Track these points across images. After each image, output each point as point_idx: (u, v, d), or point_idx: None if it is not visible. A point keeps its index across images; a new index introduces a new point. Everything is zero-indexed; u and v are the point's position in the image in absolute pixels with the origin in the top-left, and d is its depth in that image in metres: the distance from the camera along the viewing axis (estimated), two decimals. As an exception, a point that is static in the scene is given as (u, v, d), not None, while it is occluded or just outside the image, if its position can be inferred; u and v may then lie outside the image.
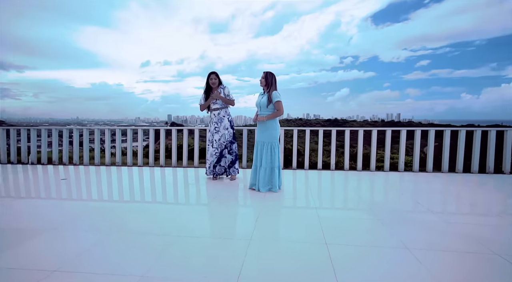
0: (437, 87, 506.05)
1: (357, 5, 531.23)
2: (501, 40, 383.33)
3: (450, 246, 2.09)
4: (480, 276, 1.71)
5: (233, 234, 2.36)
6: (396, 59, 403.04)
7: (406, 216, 2.76)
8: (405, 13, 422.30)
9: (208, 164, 4.23)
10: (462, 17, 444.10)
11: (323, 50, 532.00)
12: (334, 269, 1.75)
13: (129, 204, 3.19)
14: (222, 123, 4.14)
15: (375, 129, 5.07)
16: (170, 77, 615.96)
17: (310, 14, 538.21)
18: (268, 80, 3.53)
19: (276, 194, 3.46)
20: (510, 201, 3.38)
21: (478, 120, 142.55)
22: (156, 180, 4.44)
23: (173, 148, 5.58)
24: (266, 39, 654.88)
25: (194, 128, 5.60)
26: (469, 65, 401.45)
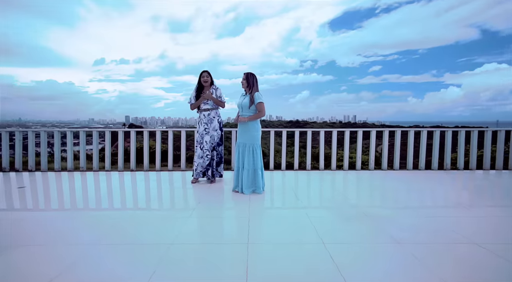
0: (388, 91, 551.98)
1: (315, 12, 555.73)
2: (440, 50, 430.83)
3: (434, 239, 2.21)
4: (465, 264, 1.83)
5: (229, 238, 2.26)
6: (352, 64, 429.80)
7: (388, 212, 2.86)
8: (358, 21, 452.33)
9: (195, 166, 3.97)
10: (407, 28, 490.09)
11: (284, 54, 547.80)
12: (338, 268, 1.76)
13: (109, 212, 2.92)
14: (212, 124, 3.97)
15: (335, 130, 5.26)
16: (127, 77, 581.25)
17: (271, 18, 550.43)
18: (250, 81, 3.46)
19: (260, 196, 3.40)
20: (465, 193, 3.69)
21: (422, 121, 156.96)
22: (132, 185, 4.16)
23: (153, 150, 5.13)
24: (229, 40, 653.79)
25: (168, 130, 5.24)
26: (414, 71, 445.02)
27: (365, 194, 3.76)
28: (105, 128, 5.28)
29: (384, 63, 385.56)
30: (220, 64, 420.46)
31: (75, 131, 5.29)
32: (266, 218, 2.71)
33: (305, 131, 5.35)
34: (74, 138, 5.31)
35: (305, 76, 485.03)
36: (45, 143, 5.17)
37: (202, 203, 3.13)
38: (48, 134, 5.28)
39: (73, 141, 5.29)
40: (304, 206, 3.01)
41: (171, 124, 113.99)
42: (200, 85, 3.97)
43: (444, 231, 2.33)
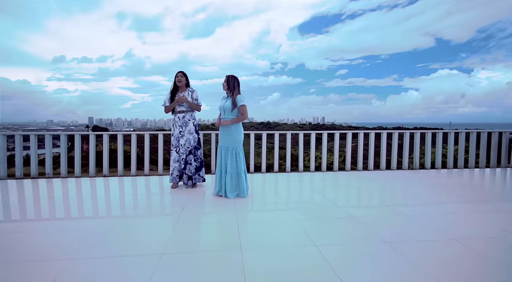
0: (354, 94, 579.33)
1: (285, 15, 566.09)
2: (400, 56, 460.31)
3: (419, 236, 2.33)
4: (449, 259, 1.94)
5: (222, 245, 2.21)
6: (320, 68, 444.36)
7: (370, 212, 2.98)
8: (326, 26, 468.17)
9: (171, 170, 3.85)
10: (370, 34, 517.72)
11: (255, 56, 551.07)
12: (335, 270, 1.79)
13: (87, 222, 2.72)
14: (187, 127, 3.85)
15: (301, 133, 5.37)
16: (90, 76, 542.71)
17: (242, 20, 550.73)
18: (230, 84, 3.42)
19: (245, 199, 3.37)
20: (433, 192, 3.91)
21: (385, 123, 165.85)
22: (109, 191, 3.92)
23: (128, 154, 4.85)
24: (199, 41, 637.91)
25: (144, 133, 5.02)
26: (378, 75, 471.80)
27: (345, 194, 3.87)
28: (75, 132, 4.96)
29: (350, 67, 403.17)
30: (190, 65, 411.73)
31: (40, 134, 4.88)
32: (255, 222, 2.69)
33: (284, 134, 5.43)
34: (38, 142, 4.90)
35: (275, 78, 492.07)
36: (4, 148, 4.71)
37: (187, 208, 3.03)
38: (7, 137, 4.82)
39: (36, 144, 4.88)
40: (290, 208, 3.03)
41: (139, 126, 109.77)
42: (175, 87, 3.87)
43: (426, 228, 2.47)
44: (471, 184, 4.38)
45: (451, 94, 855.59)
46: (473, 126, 59.52)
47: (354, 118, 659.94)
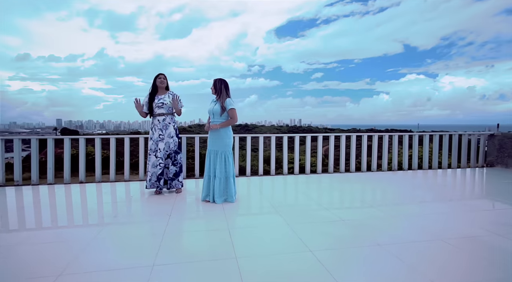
0: (329, 97, 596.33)
1: (262, 18, 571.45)
2: (372, 61, 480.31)
3: (408, 237, 2.39)
4: (441, 260, 2.00)
5: (215, 254, 2.13)
6: (296, 71, 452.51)
7: (359, 214, 3.02)
8: (301, 30, 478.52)
9: (149, 176, 3.67)
10: (344, 39, 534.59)
11: (232, 58, 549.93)
12: (333, 275, 1.79)
13: (69, 231, 2.52)
14: (167, 130, 3.72)
15: (285, 136, 5.36)
16: (58, 76, 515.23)
17: (219, 21, 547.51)
18: (217, 88, 3.36)
19: (234, 204, 3.31)
20: (414, 192, 4.08)
21: (359, 125, 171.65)
22: (88, 198, 3.71)
23: (104, 157, 4.59)
24: (174, 42, 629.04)
25: (124, 137, 4.79)
26: (351, 79, 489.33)
27: (331, 196, 3.92)
28: (50, 136, 4.62)
29: (325, 70, 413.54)
30: (166, 66, 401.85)
31: (8, 139, 4.52)
32: (247, 228, 2.63)
33: (257, 137, 5.33)
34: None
35: (253, 80, 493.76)
36: None
37: (174, 215, 2.92)
38: None
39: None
40: (279, 212, 3.00)
41: (112, 128, 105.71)
42: (154, 89, 3.74)
43: (414, 228, 2.55)
44: (447, 184, 4.60)
45: (418, 98, 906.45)
46: (438, 128, 63.26)
47: (330, 120, 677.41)
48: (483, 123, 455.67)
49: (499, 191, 3.99)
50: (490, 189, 4.19)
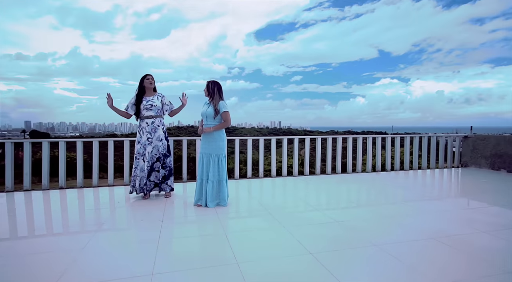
0: (308, 99, 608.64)
1: (242, 21, 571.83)
2: (349, 65, 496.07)
3: (401, 236, 2.47)
4: (434, 258, 2.09)
5: (215, 260, 2.08)
6: (276, 73, 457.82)
7: (351, 215, 3.07)
8: (281, 33, 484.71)
9: (138, 181, 3.59)
10: (322, 43, 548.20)
11: (212, 59, 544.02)
12: (336, 277, 1.80)
13: (57, 240, 2.37)
14: (156, 133, 3.61)
15: (262, 138, 5.32)
16: (27, 75, 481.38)
17: (198, 23, 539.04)
18: (210, 90, 3.32)
19: (227, 208, 3.27)
20: (394, 191, 4.23)
21: (337, 127, 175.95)
22: (71, 204, 3.53)
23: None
24: (153, 42, 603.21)
25: (108, 140, 4.57)
26: (329, 82, 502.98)
27: (318, 198, 3.97)
28: (27, 139, 4.37)
29: (304, 73, 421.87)
30: (143, 67, 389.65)
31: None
32: (243, 232, 2.60)
33: (233, 139, 5.18)
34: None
35: (233, 83, 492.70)
36: None
37: (167, 221, 2.83)
38: None
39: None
40: (272, 214, 3.00)
41: (86, 130, 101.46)
42: (141, 90, 3.62)
43: (404, 228, 2.63)
44: (425, 184, 4.82)
45: (392, 101, 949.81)
46: (410, 130, 66.36)
47: (309, 122, 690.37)
48: (451, 125, 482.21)
49: (481, 190, 4.23)
50: (470, 188, 4.43)
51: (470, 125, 6.17)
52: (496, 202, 3.49)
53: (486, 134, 5.92)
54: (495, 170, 5.52)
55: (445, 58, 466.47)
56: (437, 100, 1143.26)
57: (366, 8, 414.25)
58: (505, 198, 3.69)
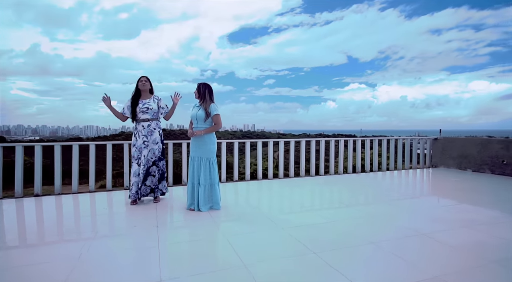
0: (280, 103, 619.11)
1: (214, 23, 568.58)
2: (320, 70, 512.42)
3: (395, 234, 2.62)
4: (425, 252, 2.25)
5: (222, 264, 2.07)
6: (249, 77, 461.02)
7: (344, 214, 3.18)
8: (254, 37, 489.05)
9: (131, 185, 3.48)
10: (294, 48, 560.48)
11: (184, 61, 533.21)
12: (344, 274, 1.88)
13: (46, 250, 2.20)
14: (152, 136, 3.52)
15: (236, 141, 5.29)
16: None
17: (170, 24, 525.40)
18: (201, 92, 3.29)
19: (220, 212, 3.26)
20: (381, 192, 4.47)
21: (309, 130, 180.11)
22: (51, 213, 3.35)
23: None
24: (121, 42, 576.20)
25: (89, 144, 4.31)
26: (301, 86, 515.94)
27: (304, 199, 4.08)
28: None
29: (277, 77, 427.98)
30: (111, 67, 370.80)
31: None
32: (243, 235, 2.59)
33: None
34: None
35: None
36: None
37: (162, 227, 2.76)
38: None
39: None
40: (268, 216, 3.03)
41: (47, 134, 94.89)
42: (137, 93, 3.54)
43: (395, 225, 2.79)
44: (402, 184, 5.12)
45: (361, 105, 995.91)
46: (377, 133, 69.91)
47: (282, 125, 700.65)
48: (414, 129, 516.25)
49: (454, 188, 4.57)
50: (444, 187, 4.77)
51: (439, 129, 6.65)
52: (469, 200, 3.80)
53: (453, 137, 6.43)
54: (462, 170, 6.00)
55: (408, 65, 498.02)
56: (401, 105, 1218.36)
57: (335, 15, 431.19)
58: (475, 196, 4.03)
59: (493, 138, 5.77)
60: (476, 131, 59.06)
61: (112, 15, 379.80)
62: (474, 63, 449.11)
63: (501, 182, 4.81)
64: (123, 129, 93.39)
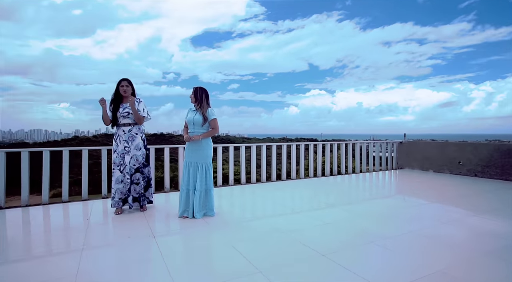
0: (245, 107, 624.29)
1: (177, 25, 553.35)
2: (282, 75, 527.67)
3: (388, 233, 2.77)
4: (422, 248, 2.42)
5: (236, 270, 2.03)
6: (213, 81, 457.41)
7: (338, 214, 3.28)
8: (217, 41, 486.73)
9: (113, 193, 3.23)
10: (258, 54, 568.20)
11: (144, 63, 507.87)
12: (355, 273, 1.95)
13: (37, 262, 1.96)
14: (134, 142, 3.34)
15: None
16: None
17: (129, 23, 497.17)
18: (198, 96, 3.23)
19: (216, 219, 3.19)
20: (358, 193, 4.74)
21: (273, 134, 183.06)
22: (30, 224, 3.00)
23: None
24: (74, 40, 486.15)
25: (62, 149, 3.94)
26: (265, 91, 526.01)
27: (284, 202, 4.17)
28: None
29: (241, 82, 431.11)
30: (62, 67, 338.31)
31: None
32: (248, 241, 2.55)
33: (177, 148, 4.87)
34: None
35: (168, 88, 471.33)
36: None
37: (158, 236, 2.62)
38: None
39: None
40: (267, 221, 3.06)
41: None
42: (117, 96, 3.36)
43: (385, 224, 2.96)
44: (373, 185, 5.46)
45: (321, 110, 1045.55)
46: (337, 136, 73.76)
47: (246, 130, 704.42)
48: (369, 133, 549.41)
49: (418, 188, 4.99)
50: (412, 187, 5.17)
51: (404, 133, 7.24)
52: (437, 199, 4.18)
53: (416, 140, 7.04)
54: (425, 170, 6.58)
55: (363, 74, 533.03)
56: (357, 111, 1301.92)
57: (297, 24, 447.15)
58: (441, 195, 4.43)
59: (449, 142, 6.41)
60: (421, 135, 65.71)
61: (63, 10, 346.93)
62: (419, 74, 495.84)
63: (458, 181, 5.34)
64: (77, 133, 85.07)
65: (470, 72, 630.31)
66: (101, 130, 53.86)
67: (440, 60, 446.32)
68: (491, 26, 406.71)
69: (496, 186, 4.85)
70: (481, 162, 5.62)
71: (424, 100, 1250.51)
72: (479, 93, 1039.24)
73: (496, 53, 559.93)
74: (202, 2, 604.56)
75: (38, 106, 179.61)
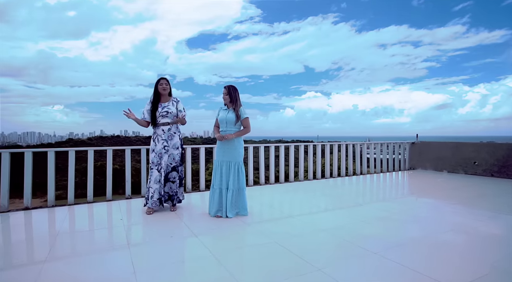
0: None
1: (172, 28, 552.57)
2: (278, 78, 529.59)
3: (387, 238, 2.77)
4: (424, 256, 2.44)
5: (297, 268, 2.00)
6: (209, 83, 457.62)
7: (334, 218, 3.25)
8: (213, 43, 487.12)
9: (150, 193, 3.19)
10: (253, 56, 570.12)
11: (140, 65, 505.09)
12: (412, 268, 1.96)
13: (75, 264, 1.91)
14: (173, 141, 3.35)
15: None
16: None
17: (124, 25, 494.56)
18: (232, 96, 3.22)
19: (250, 218, 3.16)
20: (378, 193, 4.73)
21: (269, 137, 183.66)
22: (67, 224, 2.94)
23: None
24: (68, 42, 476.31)
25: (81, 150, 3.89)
26: (261, 93, 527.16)
27: (306, 203, 4.14)
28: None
29: (236, 84, 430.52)
30: (56, 69, 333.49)
31: None
32: (293, 238, 2.52)
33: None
34: None
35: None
36: None
37: (201, 237, 2.57)
38: None
39: None
40: (304, 218, 3.05)
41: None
42: (156, 96, 3.35)
43: (384, 229, 2.94)
44: (388, 185, 5.48)
45: (317, 113, 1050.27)
46: (332, 139, 74.24)
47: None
48: (365, 135, 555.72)
49: (439, 188, 5.00)
50: (432, 187, 5.19)
51: (416, 134, 7.27)
52: (459, 201, 4.19)
53: (429, 141, 7.07)
54: (438, 171, 6.61)
55: (358, 76, 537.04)
56: (353, 113, 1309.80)
57: (292, 26, 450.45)
58: (462, 194, 4.46)
59: (465, 143, 6.47)
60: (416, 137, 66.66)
61: (57, 11, 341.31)
62: (414, 76, 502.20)
63: (476, 181, 5.37)
64: (71, 136, 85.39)
65: (464, 75, 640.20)
66: (95, 133, 52.99)
67: (435, 63, 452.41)
68: (485, 29, 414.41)
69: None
70: (498, 162, 5.67)
71: (420, 103, 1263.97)
72: (474, 95, 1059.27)
73: (490, 56, 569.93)
74: (198, 4, 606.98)
75: (31, 108, 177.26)
